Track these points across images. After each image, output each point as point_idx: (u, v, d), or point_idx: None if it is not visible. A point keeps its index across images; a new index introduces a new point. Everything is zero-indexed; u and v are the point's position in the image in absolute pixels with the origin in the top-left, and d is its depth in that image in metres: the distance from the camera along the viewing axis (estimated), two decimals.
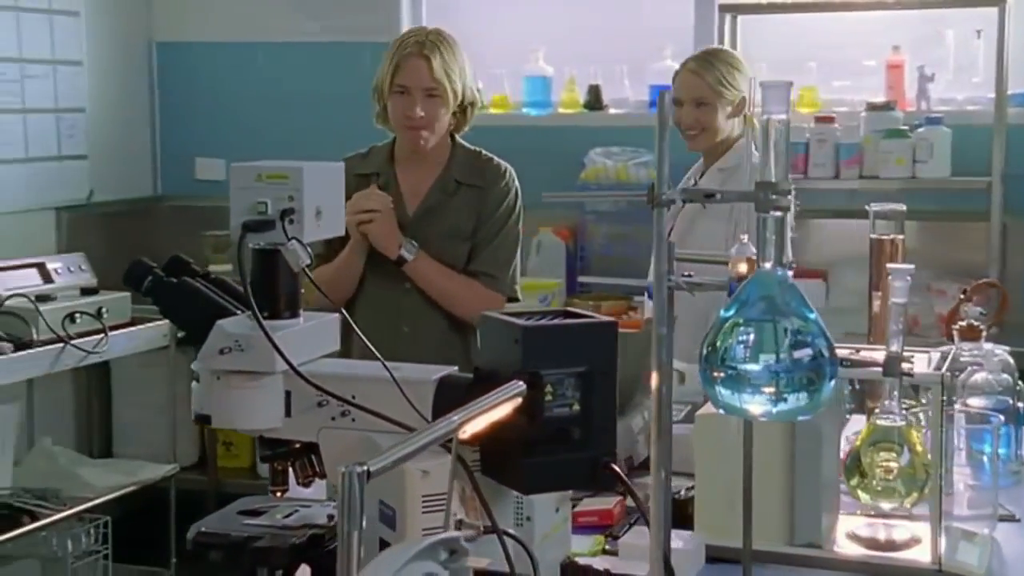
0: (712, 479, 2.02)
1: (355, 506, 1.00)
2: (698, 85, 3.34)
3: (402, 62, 2.85)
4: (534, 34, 4.67)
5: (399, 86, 2.85)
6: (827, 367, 1.24)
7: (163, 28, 5.05)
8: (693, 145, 3.42)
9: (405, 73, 2.84)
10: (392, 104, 2.87)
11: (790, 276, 1.28)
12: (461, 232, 2.91)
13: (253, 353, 1.54)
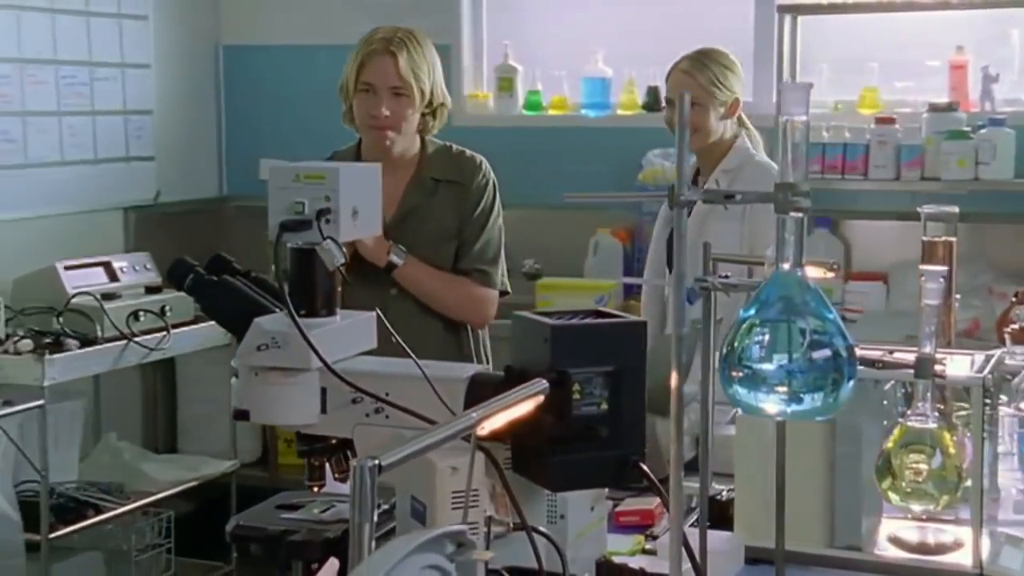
0: (752, 480, 2.02)
1: (366, 499, 1.02)
2: (690, 85, 3.31)
3: (367, 59, 2.75)
4: (593, 36, 4.68)
5: (364, 84, 2.75)
6: (845, 367, 1.24)
7: (229, 31, 5.13)
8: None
9: (370, 70, 2.74)
10: (357, 103, 2.78)
11: (806, 275, 1.28)
12: (447, 231, 2.80)
13: (289, 350, 1.58)
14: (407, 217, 2.79)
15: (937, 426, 1.52)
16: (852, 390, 1.28)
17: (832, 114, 4.33)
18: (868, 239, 4.33)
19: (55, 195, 4.32)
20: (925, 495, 1.53)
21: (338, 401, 1.61)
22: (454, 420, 1.22)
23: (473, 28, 4.88)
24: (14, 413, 3.42)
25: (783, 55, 4.23)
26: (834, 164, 4.19)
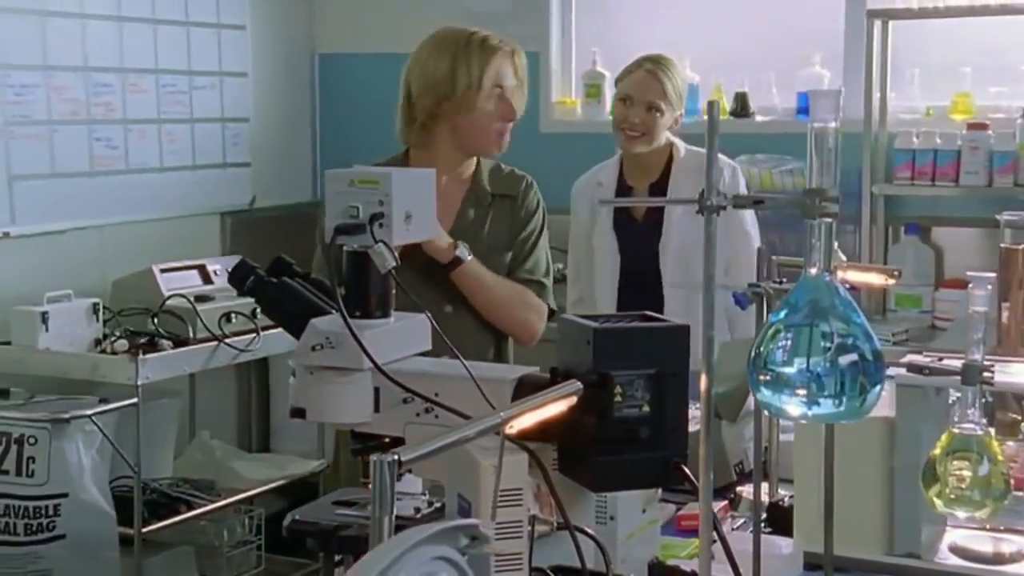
0: (810, 486, 2.02)
1: (386, 493, 1.06)
2: (655, 89, 3.32)
3: (495, 60, 2.71)
4: (681, 42, 4.68)
5: (498, 86, 2.71)
6: (871, 372, 1.25)
7: (325, 40, 5.25)
8: (631, 146, 3.37)
9: (505, 73, 2.72)
10: (486, 107, 2.70)
11: (836, 280, 1.29)
12: (502, 244, 2.78)
13: (343, 350, 1.63)
14: (466, 230, 2.75)
15: (983, 433, 1.51)
16: (878, 394, 1.29)
17: (924, 120, 4.27)
18: (960, 246, 4.26)
19: (154, 200, 4.46)
20: (970, 502, 1.52)
21: (390, 400, 1.65)
22: (482, 418, 1.25)
23: (562, 35, 4.92)
24: (109, 411, 3.54)
25: (872, 60, 4.19)
26: (924, 170, 4.14)
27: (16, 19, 4.02)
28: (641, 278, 3.36)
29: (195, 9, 4.65)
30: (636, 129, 3.34)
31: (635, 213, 3.44)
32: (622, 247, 3.41)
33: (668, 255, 3.34)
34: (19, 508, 3.49)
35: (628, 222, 3.44)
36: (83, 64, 4.24)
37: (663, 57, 3.44)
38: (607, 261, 3.43)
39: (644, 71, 3.35)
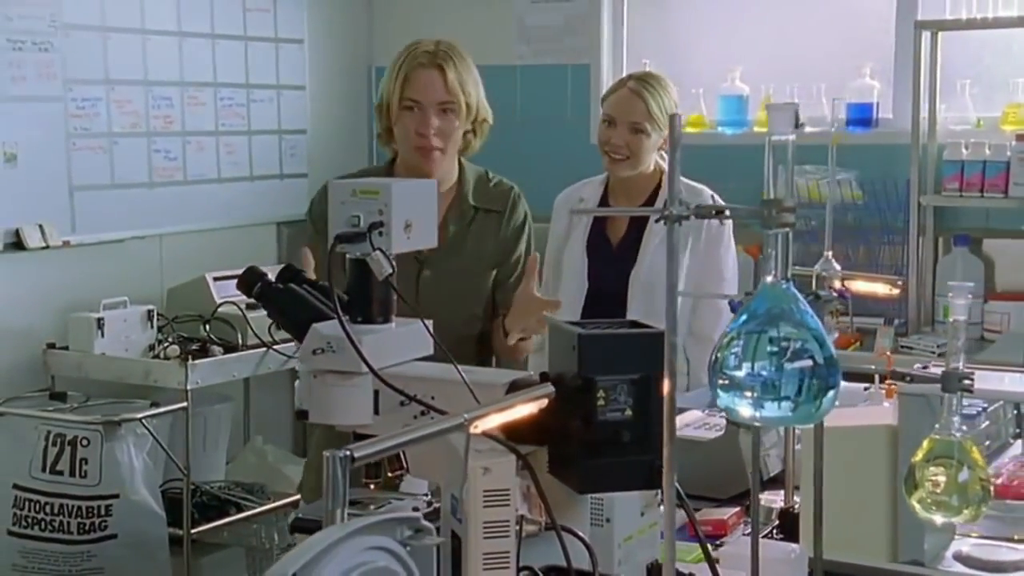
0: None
1: (339, 486, 1.12)
2: (639, 110, 3.15)
3: (413, 74, 2.60)
4: (731, 54, 4.71)
5: (410, 100, 2.60)
6: (823, 376, 1.28)
7: (381, 53, 5.34)
8: (616, 169, 3.21)
9: (417, 86, 2.60)
10: (402, 121, 2.62)
11: (792, 287, 1.32)
12: (485, 259, 2.69)
13: (344, 354, 1.69)
14: (448, 244, 2.60)
15: (963, 438, 1.53)
16: (832, 399, 1.32)
17: (974, 131, 4.24)
18: (1010, 258, 4.22)
19: (212, 210, 4.59)
20: (948, 507, 1.54)
21: (389, 403, 1.71)
22: (443, 418, 1.30)
23: (613, 47, 4.96)
24: (160, 414, 3.66)
25: (921, 71, 4.18)
26: (973, 182, 4.12)
27: (80, 35, 4.16)
28: (606, 303, 3.19)
29: (254, 24, 4.78)
30: (620, 152, 3.18)
31: (611, 237, 3.29)
32: (591, 269, 3.26)
33: (638, 285, 3.20)
34: (73, 508, 3.61)
35: (603, 245, 3.30)
36: (143, 78, 4.37)
37: (650, 74, 3.31)
38: (574, 281, 3.27)
39: (628, 90, 3.19)
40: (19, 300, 3.97)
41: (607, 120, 3.21)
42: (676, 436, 1.36)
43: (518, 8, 5.07)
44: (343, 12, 5.24)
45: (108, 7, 4.24)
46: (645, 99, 3.16)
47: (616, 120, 3.18)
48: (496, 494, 1.58)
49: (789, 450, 2.34)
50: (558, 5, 5.00)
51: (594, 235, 3.30)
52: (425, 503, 1.80)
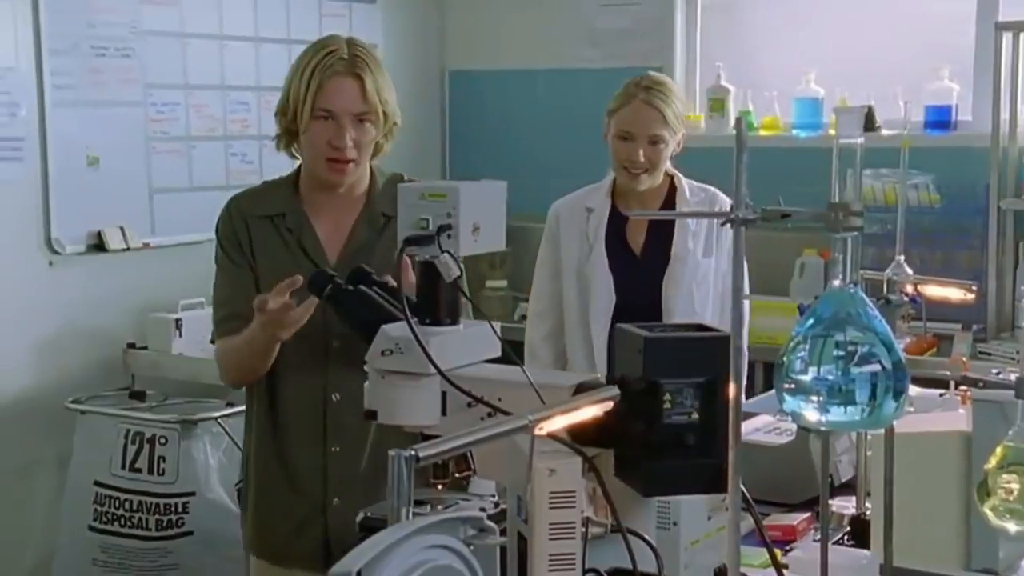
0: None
1: (404, 485, 1.13)
2: (657, 121, 3.05)
3: (328, 82, 2.34)
4: (806, 56, 4.67)
5: (323, 111, 2.35)
6: (890, 381, 1.27)
7: (454, 57, 5.38)
8: (636, 183, 3.11)
9: (332, 95, 2.35)
10: (313, 131, 2.37)
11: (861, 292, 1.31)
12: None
13: (411, 355, 1.70)
14: (356, 254, 2.40)
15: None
16: (900, 404, 1.30)
17: None
18: None
19: None
20: (1021, 515, 1.51)
21: (456, 405, 1.72)
22: (508, 419, 1.31)
23: (686, 50, 4.95)
24: (235, 414, 3.70)
25: (1002, 73, 4.11)
26: None
27: (159, 41, 4.25)
28: (637, 312, 3.00)
29: (329, 28, 4.82)
30: (640, 167, 3.08)
31: (633, 245, 3.19)
32: (618, 280, 3.15)
33: (675, 290, 3.12)
34: (151, 504, 3.68)
35: (625, 254, 3.19)
36: (221, 83, 4.45)
37: (656, 79, 3.18)
38: (602, 295, 3.15)
39: (641, 103, 3.07)
40: (100, 301, 4.05)
41: (623, 136, 3.09)
42: (743, 440, 1.36)
43: (587, 11, 5.07)
44: (416, 16, 5.28)
45: (187, 14, 4.32)
46: (660, 109, 3.07)
47: (635, 135, 3.07)
48: (562, 496, 1.58)
49: (861, 456, 2.32)
50: (628, 8, 4.99)
51: (613, 244, 3.19)
52: (492, 504, 1.81)
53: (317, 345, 2.38)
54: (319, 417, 2.42)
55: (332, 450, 2.42)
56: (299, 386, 2.43)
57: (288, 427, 2.46)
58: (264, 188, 2.56)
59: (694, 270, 3.12)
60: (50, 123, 3.93)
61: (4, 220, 3.87)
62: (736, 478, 1.31)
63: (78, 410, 3.87)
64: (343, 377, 2.31)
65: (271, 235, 2.44)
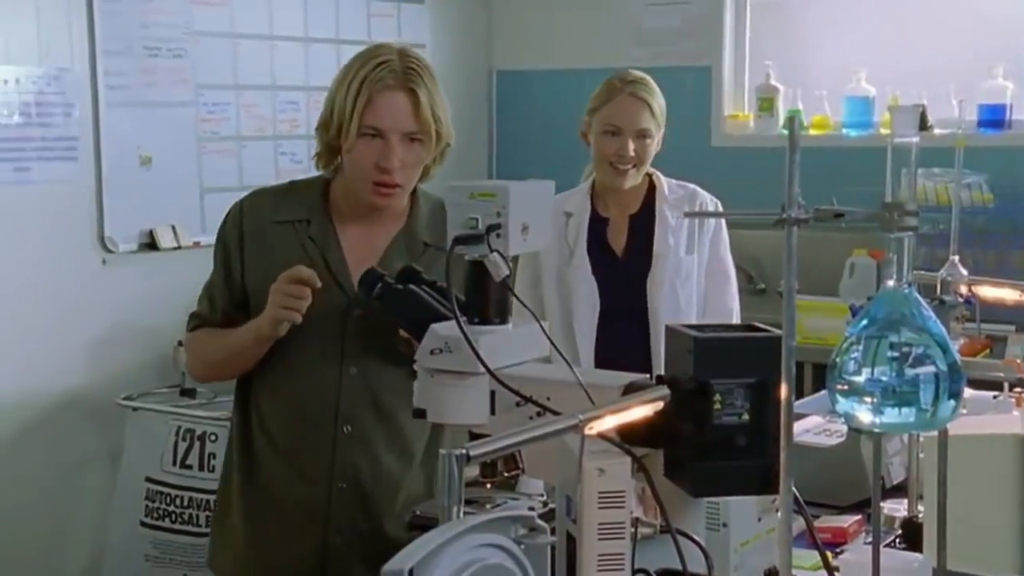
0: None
1: (454, 483, 1.13)
2: (645, 116, 3.01)
3: (378, 97, 2.13)
4: (857, 55, 4.63)
5: (371, 128, 2.13)
6: (945, 382, 1.25)
7: (502, 57, 5.39)
8: (623, 180, 3.05)
9: (383, 112, 2.13)
10: (360, 149, 2.15)
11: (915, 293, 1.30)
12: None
13: (460, 354, 1.70)
14: None
15: None
16: (955, 406, 1.29)
17: None
18: None
19: None
20: None
21: (505, 404, 1.72)
22: (558, 418, 1.31)
23: (735, 49, 4.92)
24: None
25: None
26: None
27: (211, 41, 4.29)
28: (621, 315, 3.08)
29: (377, 29, 4.85)
30: (629, 161, 3.02)
31: (614, 247, 3.14)
32: (601, 284, 3.10)
33: (658, 291, 3.07)
34: (201, 501, 3.72)
35: (607, 257, 3.14)
36: (271, 83, 4.48)
37: (638, 75, 3.12)
38: (586, 300, 3.10)
39: (628, 96, 3.02)
40: (152, 299, 4.09)
41: (610, 131, 3.03)
42: (794, 441, 1.35)
43: (636, 10, 5.06)
44: (464, 17, 5.29)
45: (237, 14, 4.36)
46: (648, 102, 3.03)
47: (623, 130, 3.02)
48: (611, 496, 1.58)
49: (913, 458, 2.30)
50: (676, 7, 4.97)
51: (594, 248, 3.14)
52: (540, 503, 1.81)
53: (331, 371, 2.20)
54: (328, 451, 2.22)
55: (339, 487, 2.22)
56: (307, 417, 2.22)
57: (290, 460, 2.24)
58: (289, 189, 2.32)
59: (676, 268, 3.08)
60: (104, 123, 3.98)
61: (59, 219, 3.92)
62: (788, 480, 1.30)
63: (129, 407, 3.91)
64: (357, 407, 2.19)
65: (291, 242, 2.22)
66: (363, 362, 2.18)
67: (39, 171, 3.86)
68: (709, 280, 3.13)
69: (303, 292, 2.08)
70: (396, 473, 2.22)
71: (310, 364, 2.19)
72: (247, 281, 2.25)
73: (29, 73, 3.80)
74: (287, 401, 2.22)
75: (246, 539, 2.29)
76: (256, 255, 2.24)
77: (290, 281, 2.09)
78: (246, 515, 2.29)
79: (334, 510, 2.20)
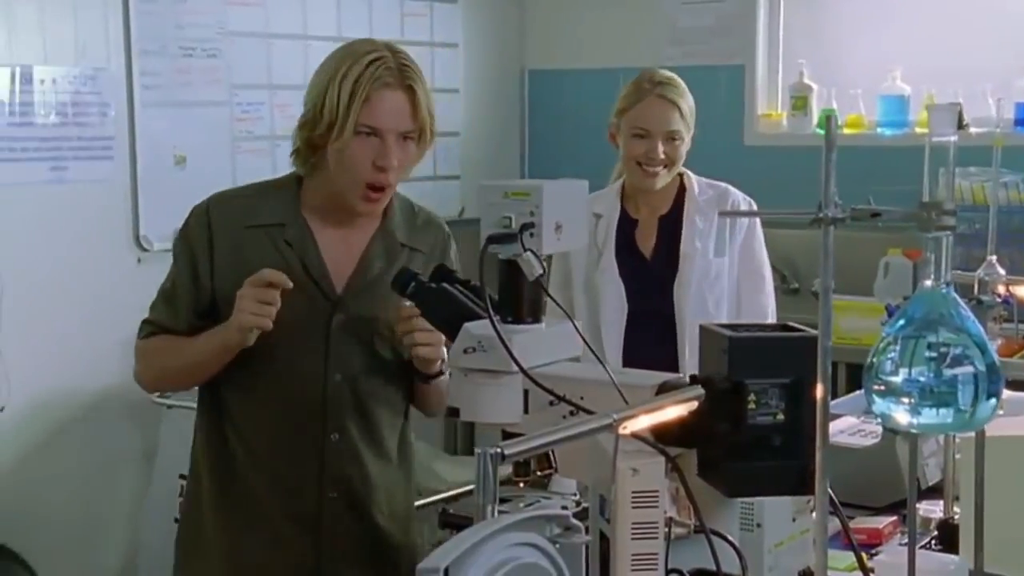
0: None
1: (489, 482, 1.13)
2: (674, 118, 2.97)
3: (375, 95, 2.04)
4: (891, 53, 4.60)
5: (367, 127, 2.05)
6: (984, 383, 1.24)
7: (534, 56, 5.39)
8: (652, 182, 3.01)
9: (381, 110, 2.05)
10: (354, 149, 2.06)
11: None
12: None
13: (493, 353, 1.70)
14: (371, 283, 2.16)
15: None
16: (993, 407, 1.28)
17: None
18: None
19: None
20: None
21: (538, 403, 1.72)
22: (592, 417, 1.31)
23: (768, 48, 4.90)
24: None
25: None
26: None
27: (245, 41, 4.31)
28: (649, 318, 3.04)
29: (410, 28, 4.86)
30: (659, 164, 2.99)
31: (643, 249, 3.10)
32: (629, 286, 3.07)
33: (685, 294, 3.02)
34: None
35: (635, 258, 3.10)
36: (304, 83, 4.46)
37: (666, 75, 3.06)
38: (613, 302, 3.06)
39: (656, 98, 2.98)
40: None
41: (640, 134, 2.99)
42: (829, 442, 1.34)
43: (669, 9, 5.05)
44: (497, 17, 5.29)
45: (272, 14, 4.37)
46: (676, 103, 2.98)
47: (652, 132, 2.97)
48: (644, 495, 1.58)
49: (949, 459, 2.28)
50: (710, 6, 4.96)
51: (623, 249, 3.11)
52: (573, 502, 1.81)
53: (316, 383, 2.14)
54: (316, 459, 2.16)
55: (329, 496, 2.17)
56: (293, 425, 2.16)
57: (273, 470, 2.18)
58: (258, 191, 2.23)
59: (704, 270, 3.03)
60: (139, 123, 4.00)
61: (94, 217, 3.95)
62: (824, 480, 1.29)
63: (164, 404, 3.93)
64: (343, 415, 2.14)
65: (265, 247, 2.12)
66: (346, 368, 2.14)
67: (75, 170, 3.89)
68: (744, 281, 3.09)
69: (272, 297, 1.98)
70: (380, 476, 2.22)
71: (293, 371, 2.12)
72: (217, 286, 2.14)
73: (66, 73, 3.84)
74: (269, 410, 2.14)
75: (226, 552, 2.21)
76: (229, 260, 2.13)
77: (257, 285, 2.00)
78: (224, 527, 2.20)
79: (326, 519, 2.16)
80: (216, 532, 2.21)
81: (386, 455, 2.23)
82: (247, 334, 2.01)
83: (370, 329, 2.13)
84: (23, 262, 3.75)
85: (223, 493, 2.20)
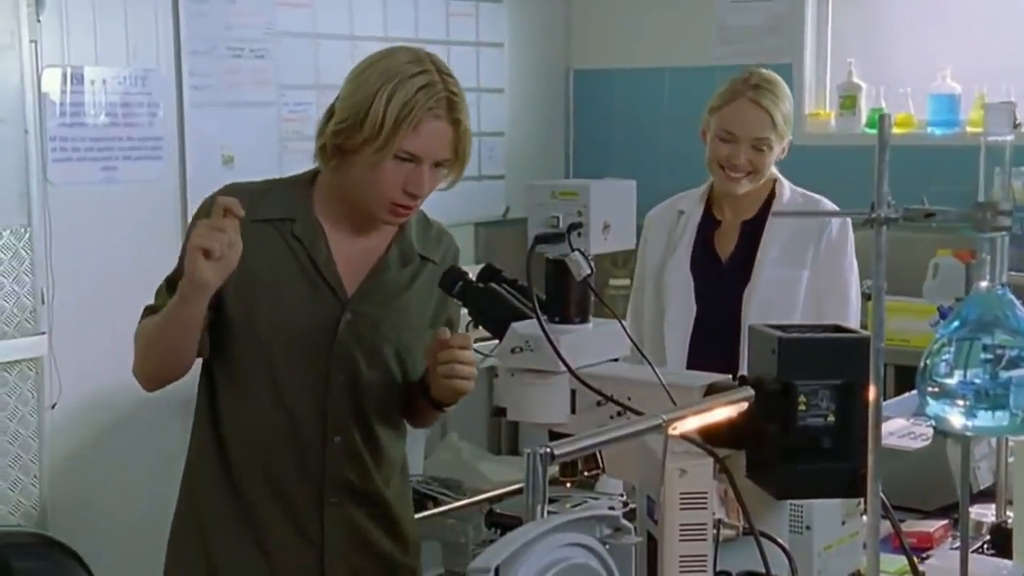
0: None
1: (539, 482, 1.13)
2: (764, 124, 2.79)
3: (424, 123, 1.98)
4: (941, 52, 4.55)
5: (408, 153, 1.99)
6: None
7: (580, 56, 5.38)
8: (734, 187, 2.86)
9: (426, 139, 1.99)
10: (387, 170, 2.00)
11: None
12: (425, 321, 2.16)
13: (541, 353, 1.71)
14: (383, 289, 2.12)
15: None
16: None
17: None
18: None
19: None
20: None
21: (586, 403, 1.72)
22: (641, 418, 1.30)
23: (817, 46, 4.87)
24: None
25: None
26: None
27: (293, 42, 4.33)
28: (717, 324, 2.90)
29: (456, 28, 4.87)
30: (741, 170, 2.84)
31: (720, 252, 2.97)
32: (699, 289, 2.94)
33: (753, 302, 2.87)
34: None
35: (710, 261, 2.97)
36: None
37: (765, 77, 2.87)
38: (680, 303, 2.94)
39: (748, 101, 2.80)
40: None
41: (725, 137, 2.83)
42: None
43: (717, 7, 5.03)
44: (542, 16, 5.29)
45: (319, 15, 4.40)
46: (768, 110, 2.80)
47: (738, 137, 2.82)
48: (693, 497, 1.57)
49: (1001, 462, 2.25)
50: (759, 4, 4.93)
51: (699, 250, 2.98)
52: (620, 503, 1.80)
53: (317, 382, 2.09)
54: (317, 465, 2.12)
55: (330, 501, 2.13)
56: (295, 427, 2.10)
57: (274, 472, 2.13)
58: (269, 186, 2.20)
59: (778, 280, 2.87)
60: (188, 123, 4.04)
61: (144, 218, 3.98)
62: (876, 483, 1.28)
63: None
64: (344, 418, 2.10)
65: (273, 240, 2.08)
66: (350, 370, 2.09)
67: (125, 170, 3.93)
68: (825, 298, 2.89)
69: (224, 225, 1.86)
70: (380, 481, 2.17)
71: (296, 371, 2.07)
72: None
73: (116, 74, 3.87)
74: (269, 411, 2.09)
75: (227, 554, 2.19)
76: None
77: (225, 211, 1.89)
78: (221, 535, 2.20)
79: (328, 523, 2.12)
80: (210, 535, 2.21)
81: (387, 461, 2.18)
82: (197, 266, 1.87)
83: (378, 333, 2.10)
84: (74, 261, 3.79)
85: (220, 496, 2.19)
